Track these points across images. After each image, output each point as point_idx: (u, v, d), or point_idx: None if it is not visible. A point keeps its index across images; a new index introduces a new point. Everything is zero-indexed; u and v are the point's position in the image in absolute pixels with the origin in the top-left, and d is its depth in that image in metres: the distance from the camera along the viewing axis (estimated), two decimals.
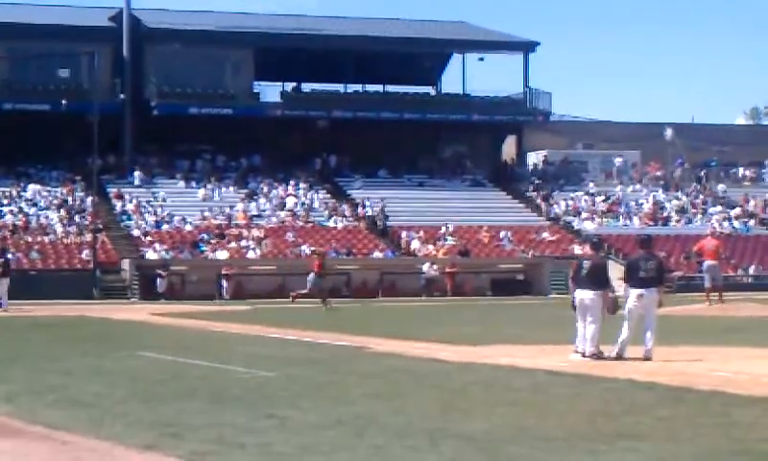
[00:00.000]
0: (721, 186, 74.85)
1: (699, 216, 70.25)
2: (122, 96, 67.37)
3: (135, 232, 60.40)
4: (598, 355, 18.85)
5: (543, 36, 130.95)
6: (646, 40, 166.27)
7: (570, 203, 70.11)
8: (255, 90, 72.59)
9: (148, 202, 63.82)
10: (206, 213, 63.03)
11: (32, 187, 64.28)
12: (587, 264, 19.53)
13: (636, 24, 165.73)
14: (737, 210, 71.07)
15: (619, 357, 18.83)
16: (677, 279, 53.15)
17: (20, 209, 61.47)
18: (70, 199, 63.20)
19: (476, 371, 17.46)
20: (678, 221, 69.10)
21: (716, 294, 37.95)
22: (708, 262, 38.64)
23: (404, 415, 12.56)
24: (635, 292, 19.06)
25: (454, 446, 10.50)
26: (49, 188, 64.42)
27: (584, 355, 18.92)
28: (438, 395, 14.48)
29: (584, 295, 19.16)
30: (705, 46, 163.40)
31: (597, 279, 19.25)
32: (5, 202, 62.07)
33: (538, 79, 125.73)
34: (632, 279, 19.20)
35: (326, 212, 65.50)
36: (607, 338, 19.15)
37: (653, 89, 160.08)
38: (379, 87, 77.28)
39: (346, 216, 65.26)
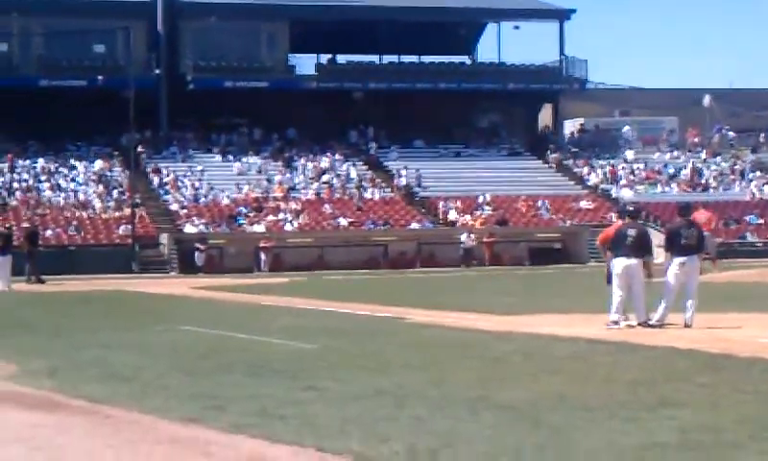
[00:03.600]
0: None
1: (737, 182, 69.79)
2: (158, 71, 67.52)
3: (173, 207, 60.63)
4: (647, 323, 18.83)
5: (579, 2, 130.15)
6: (682, 5, 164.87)
7: (608, 170, 69.80)
8: (291, 63, 72.56)
9: (185, 176, 64.02)
10: (244, 187, 63.16)
11: (69, 163, 64.60)
12: (632, 232, 19.36)
13: None
14: None
15: (660, 325, 18.79)
16: (717, 246, 52.92)
17: (58, 185, 61.81)
18: (108, 174, 63.51)
19: (515, 340, 17.44)
20: (716, 188, 68.68)
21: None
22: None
23: (444, 385, 12.56)
24: (677, 260, 18.98)
25: (495, 415, 10.50)
26: (86, 164, 64.70)
27: (613, 323, 18.84)
28: (477, 364, 14.48)
29: (629, 262, 19.07)
30: (743, 10, 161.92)
31: (644, 247, 19.21)
32: (43, 178, 62.40)
33: (573, 46, 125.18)
34: (674, 247, 19.11)
35: (362, 183, 65.41)
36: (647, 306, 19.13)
37: (690, 55, 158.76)
38: (414, 58, 77.09)
39: (382, 187, 65.24)
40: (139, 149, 65.10)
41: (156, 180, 63.57)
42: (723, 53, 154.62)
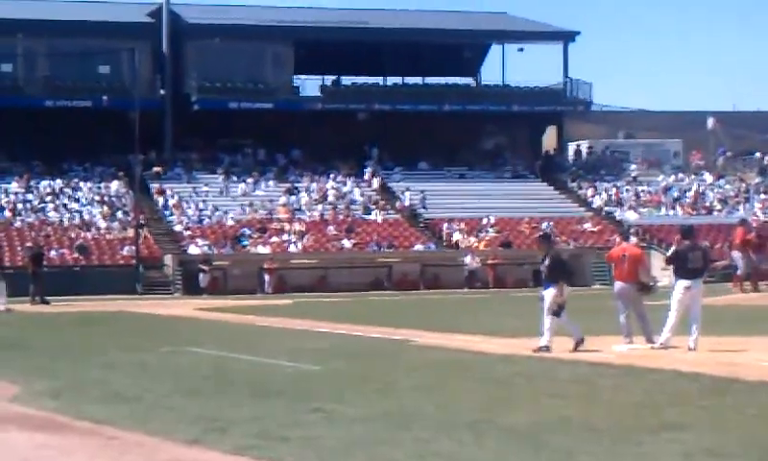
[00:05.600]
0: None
1: (742, 205, 69.72)
2: (162, 92, 67.59)
3: (177, 228, 60.63)
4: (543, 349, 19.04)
5: (583, 25, 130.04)
6: (686, 28, 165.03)
7: (612, 193, 69.78)
8: (295, 84, 72.62)
9: (189, 197, 64.04)
10: (248, 208, 63.18)
11: (74, 184, 64.64)
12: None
13: (676, 12, 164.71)
14: None
15: (664, 347, 18.77)
16: (720, 269, 52.78)
17: (64, 205, 61.83)
18: (113, 195, 63.53)
19: (519, 362, 17.44)
20: (720, 210, 68.63)
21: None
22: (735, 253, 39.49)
23: (449, 407, 12.56)
24: (682, 283, 18.91)
25: (499, 437, 10.50)
26: (91, 184, 64.74)
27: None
28: (481, 387, 14.48)
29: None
30: (746, 33, 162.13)
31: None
32: (47, 198, 62.43)
33: (578, 69, 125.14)
34: (680, 269, 19.05)
35: (366, 205, 65.42)
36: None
37: (694, 78, 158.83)
38: (419, 79, 77.18)
39: (386, 209, 65.24)
40: (156, 169, 65.33)
41: (160, 200, 63.59)
42: (726, 75, 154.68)
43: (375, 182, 68.26)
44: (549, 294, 19.36)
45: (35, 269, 44.26)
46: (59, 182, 64.29)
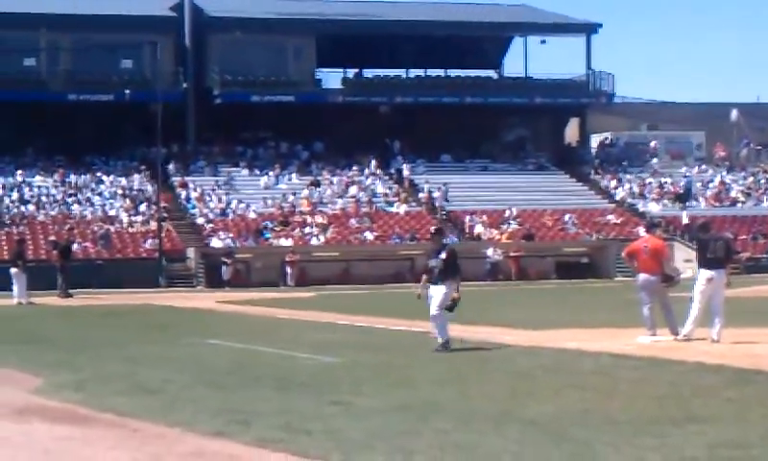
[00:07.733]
0: None
1: (765, 197, 69.45)
2: (185, 85, 67.77)
3: (200, 221, 60.77)
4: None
5: (605, 17, 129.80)
6: (709, 19, 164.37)
7: (635, 185, 69.62)
8: (317, 77, 72.73)
9: (212, 190, 64.17)
10: (270, 201, 63.26)
11: (96, 177, 64.83)
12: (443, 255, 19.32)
13: (699, 3, 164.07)
14: None
15: (687, 339, 18.71)
16: (744, 261, 52.67)
17: (86, 199, 62.03)
18: (135, 188, 63.69)
19: (541, 354, 17.40)
20: (744, 202, 68.38)
21: None
22: None
23: (469, 399, 12.55)
24: (705, 274, 18.86)
25: (520, 429, 10.47)
26: (113, 178, 64.93)
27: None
28: (502, 379, 14.45)
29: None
30: None
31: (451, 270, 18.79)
32: (70, 192, 62.64)
33: (600, 60, 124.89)
34: (701, 260, 19.01)
35: (389, 198, 65.44)
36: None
37: (717, 70, 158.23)
38: (441, 72, 77.13)
39: (408, 201, 65.24)
40: (184, 171, 65.67)
41: (182, 193, 63.74)
42: (750, 67, 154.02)
43: (405, 171, 68.28)
44: (440, 291, 18.44)
45: (63, 262, 44.43)
46: (81, 177, 64.50)
